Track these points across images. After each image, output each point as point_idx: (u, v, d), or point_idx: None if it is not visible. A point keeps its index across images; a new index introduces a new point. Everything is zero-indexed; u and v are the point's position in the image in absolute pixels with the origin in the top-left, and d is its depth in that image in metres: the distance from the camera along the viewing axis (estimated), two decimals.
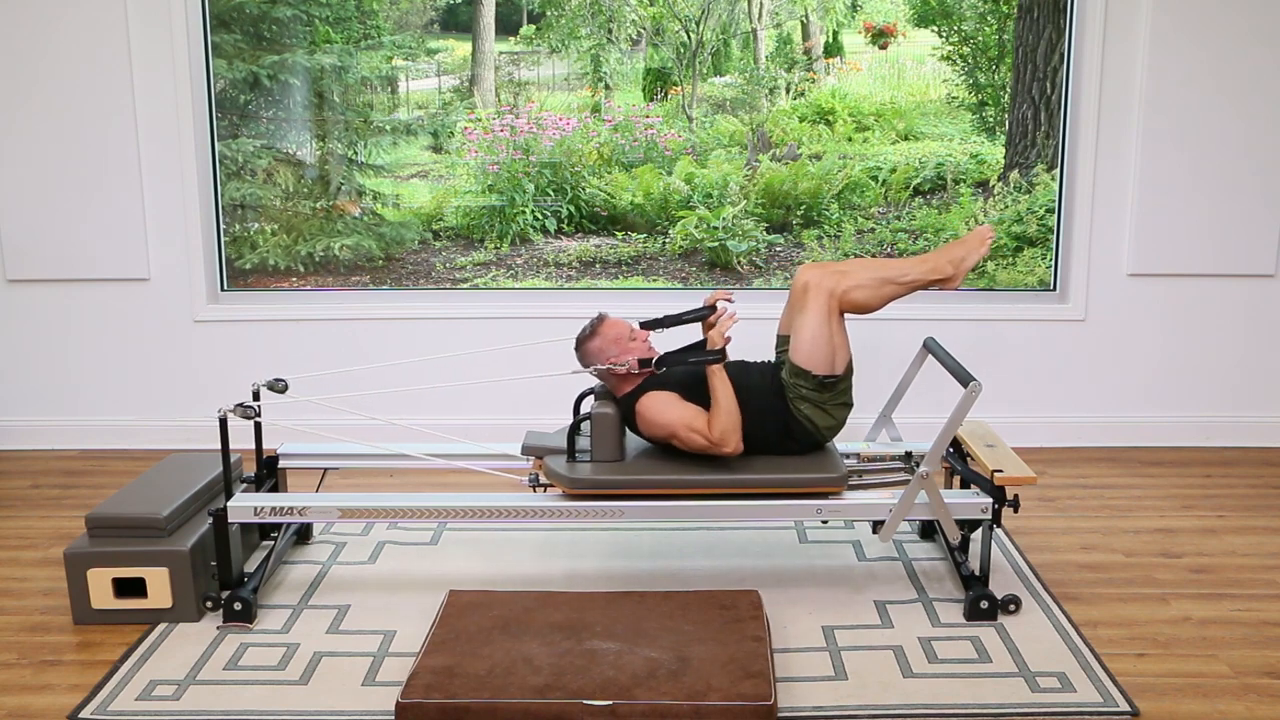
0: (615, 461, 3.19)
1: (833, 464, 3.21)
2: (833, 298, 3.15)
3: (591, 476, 3.13)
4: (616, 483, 3.13)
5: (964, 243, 3.24)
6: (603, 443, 3.18)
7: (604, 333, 3.24)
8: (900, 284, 3.21)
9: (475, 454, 3.48)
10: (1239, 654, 2.95)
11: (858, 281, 3.18)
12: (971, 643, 3.00)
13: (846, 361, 3.21)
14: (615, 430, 3.18)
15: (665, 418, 3.13)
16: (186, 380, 4.68)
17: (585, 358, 3.26)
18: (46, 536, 3.78)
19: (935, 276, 3.23)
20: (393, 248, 4.68)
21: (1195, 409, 4.70)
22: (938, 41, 4.57)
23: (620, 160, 4.62)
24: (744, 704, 2.55)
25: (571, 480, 3.13)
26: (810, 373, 3.16)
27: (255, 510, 3.14)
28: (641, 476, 3.15)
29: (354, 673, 2.86)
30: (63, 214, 4.49)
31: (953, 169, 4.61)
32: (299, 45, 4.52)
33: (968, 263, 3.22)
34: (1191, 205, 4.48)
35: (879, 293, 3.20)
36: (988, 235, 3.23)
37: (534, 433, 3.37)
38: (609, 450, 3.19)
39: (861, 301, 3.19)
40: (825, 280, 3.17)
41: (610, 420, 3.17)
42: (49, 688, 2.81)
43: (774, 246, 4.66)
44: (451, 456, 3.47)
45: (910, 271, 3.22)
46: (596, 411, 3.18)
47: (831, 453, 3.29)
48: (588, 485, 3.13)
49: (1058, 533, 3.77)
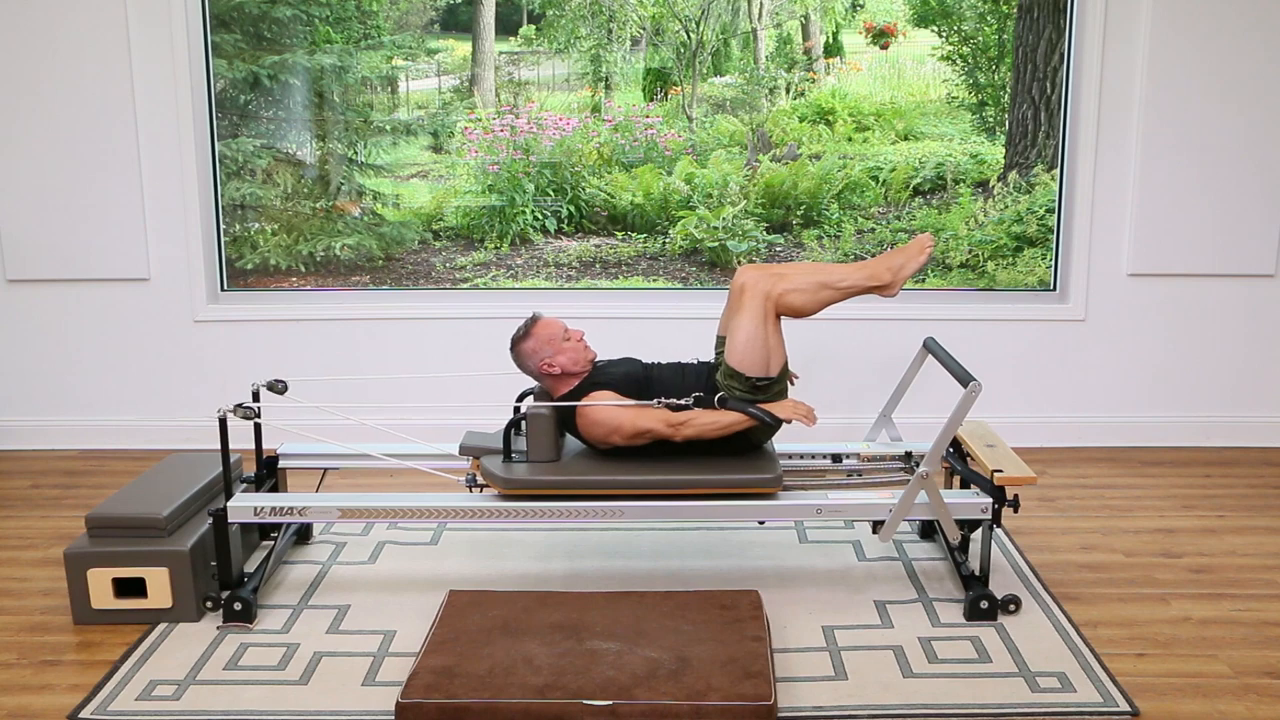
0: (551, 461, 3.19)
1: (768, 465, 3.20)
2: (769, 300, 3.15)
3: (527, 477, 3.13)
4: (551, 483, 3.13)
5: (904, 250, 3.25)
6: (538, 442, 3.18)
7: (538, 333, 3.24)
8: (837, 289, 3.21)
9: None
10: (1239, 654, 2.95)
11: (794, 285, 3.17)
12: (971, 643, 3.00)
13: (782, 364, 3.21)
14: (551, 429, 3.18)
15: (608, 415, 3.14)
16: (186, 380, 4.68)
17: (519, 358, 3.26)
18: (46, 536, 3.78)
19: (873, 283, 3.22)
20: (393, 248, 4.68)
21: (1195, 409, 4.70)
22: (938, 41, 4.57)
23: (620, 160, 4.62)
24: (744, 704, 2.55)
25: (506, 480, 3.13)
26: (743, 374, 3.16)
27: (255, 510, 3.14)
28: (577, 477, 3.15)
29: (354, 673, 2.86)
30: (63, 214, 4.49)
31: (953, 169, 4.61)
32: (299, 45, 4.52)
33: (906, 270, 3.22)
34: (1191, 205, 4.48)
35: (816, 297, 3.20)
36: (927, 244, 3.23)
37: (473, 433, 3.36)
38: (545, 450, 3.18)
39: (798, 305, 3.19)
40: (762, 282, 3.16)
41: (545, 421, 3.17)
42: (49, 688, 2.81)
43: (774, 247, 4.66)
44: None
45: (849, 277, 3.22)
46: (532, 411, 3.18)
47: (768, 453, 3.29)
48: (523, 485, 3.13)
49: (1058, 533, 3.77)
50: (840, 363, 4.62)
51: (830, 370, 4.60)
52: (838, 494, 3.22)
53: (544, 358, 3.22)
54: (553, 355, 3.21)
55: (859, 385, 4.58)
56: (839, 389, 4.59)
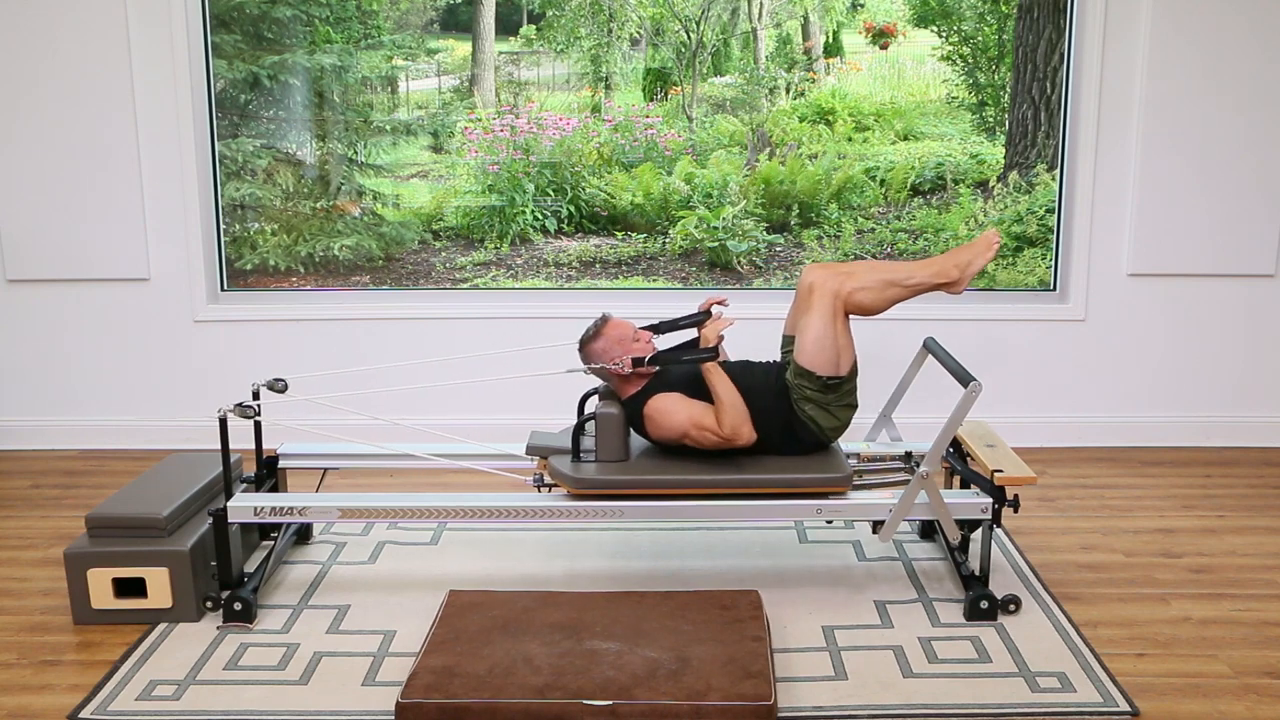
0: (620, 461, 3.19)
1: (837, 464, 3.21)
2: (837, 299, 3.15)
3: (597, 476, 3.13)
4: (622, 483, 3.13)
5: (971, 247, 3.24)
6: (608, 443, 3.18)
7: (608, 334, 3.24)
8: (905, 287, 3.21)
9: (479, 454, 3.48)
10: (1239, 654, 2.95)
11: (862, 283, 3.18)
12: (971, 643, 3.00)
13: (851, 363, 3.21)
14: (621, 430, 3.18)
15: (675, 419, 3.13)
16: (186, 380, 4.68)
17: (589, 358, 3.26)
18: (46, 536, 3.78)
19: (940, 280, 3.22)
20: (393, 248, 4.68)
21: (1195, 409, 4.70)
22: (938, 41, 4.57)
23: (620, 160, 4.62)
24: (744, 704, 2.55)
25: (577, 480, 3.13)
26: (814, 374, 3.16)
27: (255, 510, 3.14)
28: (647, 476, 3.14)
29: (354, 673, 2.86)
30: (63, 214, 4.49)
31: (953, 169, 4.61)
32: (299, 45, 4.52)
33: (974, 267, 3.21)
34: (1191, 205, 4.48)
35: (883, 295, 3.20)
36: (994, 240, 3.23)
37: (539, 433, 3.37)
38: (614, 450, 3.18)
39: (866, 304, 3.19)
40: (830, 281, 3.16)
41: (616, 420, 3.17)
42: (49, 688, 2.81)
43: (774, 246, 4.66)
44: (456, 456, 3.46)
45: (916, 274, 3.22)
46: (601, 411, 3.17)
47: (836, 453, 3.29)
48: (593, 485, 3.12)
49: (1058, 533, 3.77)
50: None
51: None
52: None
53: (612, 357, 3.21)
54: (620, 355, 3.21)
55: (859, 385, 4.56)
56: None
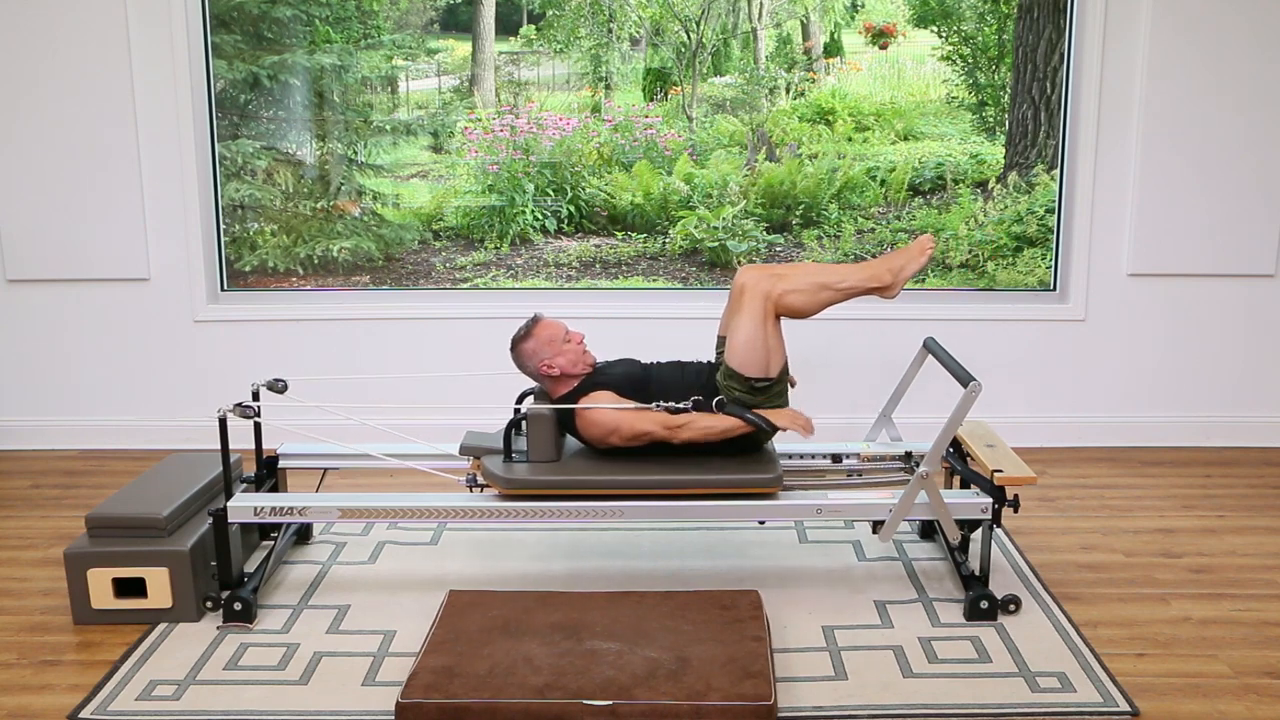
0: (551, 461, 3.19)
1: (769, 465, 3.20)
2: (768, 300, 3.14)
3: (526, 477, 3.13)
4: (552, 483, 3.13)
5: (904, 252, 3.24)
6: (539, 442, 3.18)
7: (538, 334, 3.24)
8: (837, 290, 3.20)
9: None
10: (1239, 654, 2.95)
11: (793, 285, 3.17)
12: (971, 643, 3.00)
13: (781, 364, 3.21)
14: (551, 430, 3.17)
15: (607, 416, 3.14)
16: (186, 380, 4.68)
17: (519, 359, 3.27)
18: (46, 536, 3.78)
19: (874, 284, 3.22)
20: (393, 248, 4.68)
21: (1195, 409, 4.70)
22: (937, 41, 4.57)
23: (620, 160, 4.62)
24: (744, 704, 2.55)
25: (506, 480, 3.13)
26: (742, 375, 3.16)
27: (255, 510, 3.14)
28: (578, 477, 3.14)
29: (354, 673, 2.86)
30: (63, 214, 4.49)
31: (953, 169, 4.61)
32: (299, 45, 4.52)
33: (906, 271, 3.22)
34: (1191, 205, 4.48)
35: (815, 298, 3.20)
36: (928, 245, 3.23)
37: (473, 433, 3.36)
38: (545, 450, 3.18)
39: (797, 306, 3.18)
40: (762, 283, 3.16)
41: (545, 421, 3.17)
42: (49, 688, 2.81)
43: (774, 247, 4.66)
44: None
45: (849, 278, 3.21)
46: (532, 411, 3.17)
47: (768, 454, 3.28)
48: (523, 485, 3.12)
49: (1058, 533, 3.77)
50: (840, 363, 4.62)
51: (830, 370, 4.60)
52: (838, 494, 3.22)
53: (543, 359, 3.22)
54: (552, 357, 3.21)
55: (859, 385, 4.57)
56: (839, 389, 4.59)
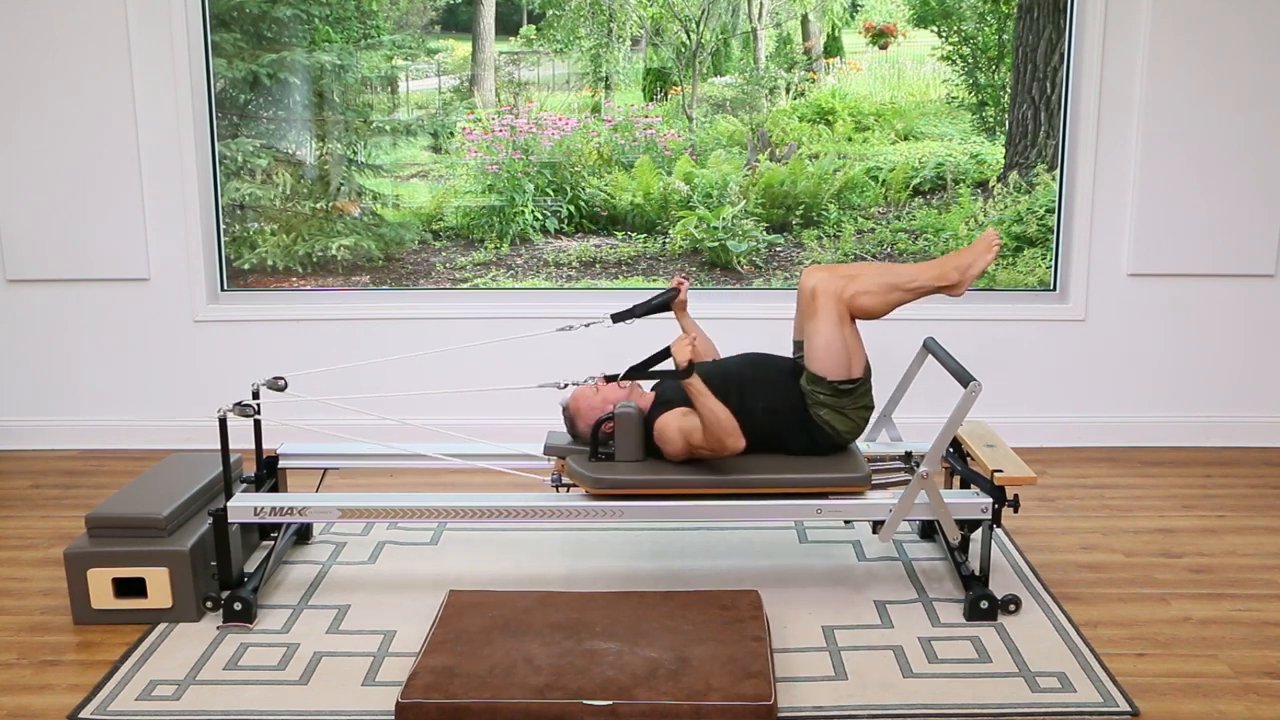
0: (638, 461, 3.19)
1: (855, 464, 3.21)
2: (841, 302, 3.14)
3: (615, 476, 3.13)
4: (640, 482, 3.13)
5: (971, 249, 3.23)
6: (626, 443, 3.18)
7: (578, 409, 3.25)
8: (907, 290, 3.20)
9: (494, 454, 3.48)
10: (1239, 654, 2.95)
11: (865, 287, 3.16)
12: (971, 643, 3.00)
13: (863, 365, 3.21)
14: (639, 430, 3.18)
15: (670, 432, 3.13)
16: (186, 380, 4.68)
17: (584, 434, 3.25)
18: (46, 536, 3.78)
19: (941, 283, 3.21)
20: (392, 248, 4.68)
21: (1195, 409, 4.70)
22: (938, 41, 4.57)
23: (620, 160, 4.62)
24: (744, 704, 2.55)
25: (595, 480, 3.13)
26: (827, 379, 3.15)
27: (255, 510, 3.14)
28: (664, 476, 3.14)
29: (354, 673, 2.86)
30: (63, 214, 4.49)
31: (953, 169, 4.61)
32: (299, 45, 4.52)
33: (974, 269, 3.21)
34: (1191, 205, 4.48)
35: (886, 299, 3.19)
36: (994, 241, 3.22)
37: (556, 433, 3.37)
38: (632, 450, 3.18)
39: (869, 307, 3.18)
40: (832, 284, 3.15)
41: (633, 420, 3.17)
42: (49, 688, 2.81)
43: (774, 246, 4.66)
44: (470, 456, 3.47)
45: (918, 278, 3.21)
46: (620, 411, 3.17)
47: (854, 453, 3.29)
48: (611, 485, 3.12)
49: (1058, 533, 3.77)
50: None
51: None
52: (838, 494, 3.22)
53: (599, 413, 3.21)
54: (603, 405, 3.22)
55: None
56: None
